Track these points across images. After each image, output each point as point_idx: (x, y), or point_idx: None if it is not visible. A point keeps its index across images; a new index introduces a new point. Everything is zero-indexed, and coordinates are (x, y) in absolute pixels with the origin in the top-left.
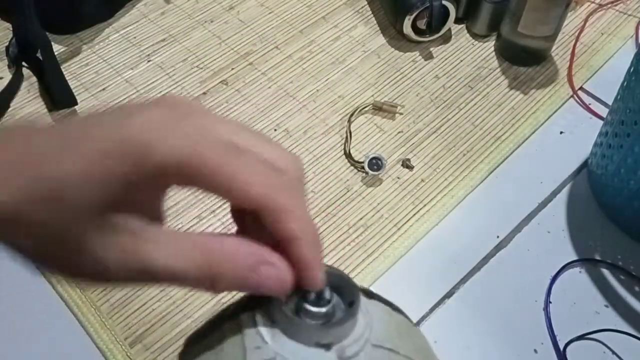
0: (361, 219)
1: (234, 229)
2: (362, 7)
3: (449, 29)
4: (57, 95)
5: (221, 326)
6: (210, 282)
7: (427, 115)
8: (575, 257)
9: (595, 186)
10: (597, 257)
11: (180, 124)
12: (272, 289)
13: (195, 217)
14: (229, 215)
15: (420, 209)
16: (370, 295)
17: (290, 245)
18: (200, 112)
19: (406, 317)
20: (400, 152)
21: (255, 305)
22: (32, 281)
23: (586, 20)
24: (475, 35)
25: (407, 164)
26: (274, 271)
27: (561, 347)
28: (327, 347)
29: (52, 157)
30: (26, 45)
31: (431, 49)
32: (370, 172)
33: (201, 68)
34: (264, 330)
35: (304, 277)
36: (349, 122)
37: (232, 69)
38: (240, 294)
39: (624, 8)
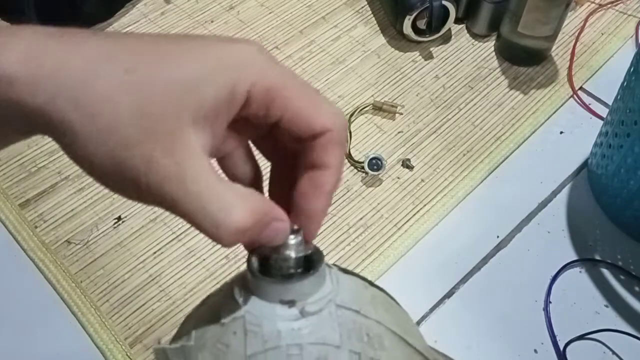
0: (361, 219)
1: None
2: (362, 7)
3: (449, 29)
4: None
5: (207, 300)
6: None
7: (427, 115)
8: (575, 257)
9: (595, 186)
10: (597, 257)
11: (268, 57)
12: (276, 241)
13: None
14: None
15: (420, 209)
16: (346, 272)
17: (315, 185)
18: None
19: (387, 294)
20: (400, 152)
21: (237, 280)
22: (32, 281)
23: (586, 20)
24: (475, 35)
25: (407, 164)
26: (282, 226)
27: (561, 347)
28: (290, 303)
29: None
30: None
31: (431, 49)
32: (370, 172)
33: None
34: (237, 295)
35: (305, 227)
36: (349, 122)
37: None
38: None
39: (624, 8)
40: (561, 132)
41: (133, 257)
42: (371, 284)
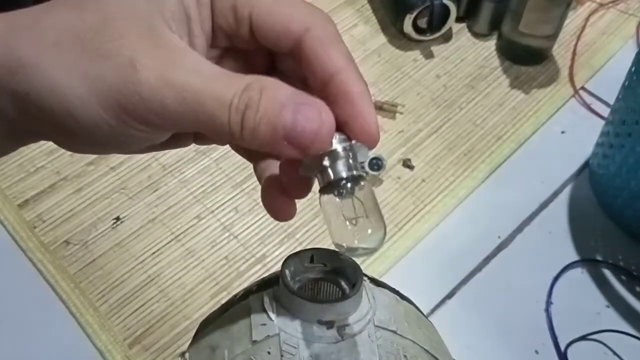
0: None
1: (235, 227)
2: (363, 6)
3: (450, 28)
4: None
5: (231, 308)
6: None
7: (428, 115)
8: (576, 258)
9: (597, 186)
10: (599, 258)
11: None
12: (308, 135)
13: (195, 217)
14: (229, 216)
15: (421, 209)
16: (378, 283)
17: (338, 81)
18: None
19: (416, 307)
20: (400, 152)
21: (263, 289)
22: (30, 282)
23: (587, 19)
24: (476, 35)
25: (407, 164)
26: (312, 112)
27: (562, 348)
28: (329, 324)
29: None
30: None
31: (432, 48)
32: (371, 172)
33: None
34: (269, 309)
35: (356, 126)
36: None
37: None
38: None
39: (625, 7)
40: (562, 132)
41: (132, 258)
42: (401, 296)
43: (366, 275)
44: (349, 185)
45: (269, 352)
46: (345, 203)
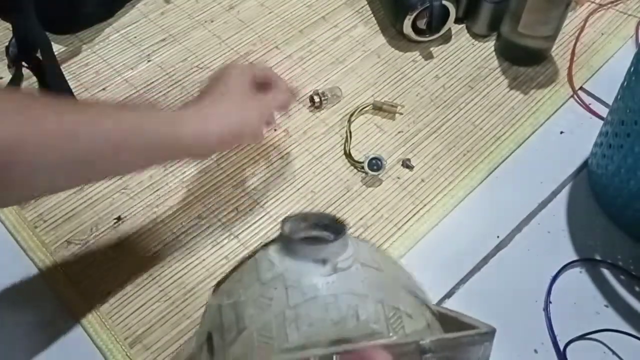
0: (361, 219)
1: (236, 226)
2: (362, 7)
3: (449, 29)
4: (57, 95)
5: (241, 264)
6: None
7: (427, 115)
8: (575, 257)
9: (596, 186)
10: (597, 257)
11: None
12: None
13: (196, 216)
14: (229, 216)
15: (420, 209)
16: (357, 238)
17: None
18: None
19: (390, 257)
20: (400, 152)
21: (266, 246)
22: (31, 282)
23: (586, 20)
24: (475, 35)
25: (407, 164)
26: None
27: (561, 347)
28: (323, 261)
29: None
30: (26, 45)
31: (431, 48)
32: (370, 172)
33: (201, 68)
34: (274, 257)
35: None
36: (349, 122)
37: None
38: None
39: (624, 8)
40: (561, 132)
41: (133, 258)
42: (377, 249)
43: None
44: None
45: (275, 288)
46: None
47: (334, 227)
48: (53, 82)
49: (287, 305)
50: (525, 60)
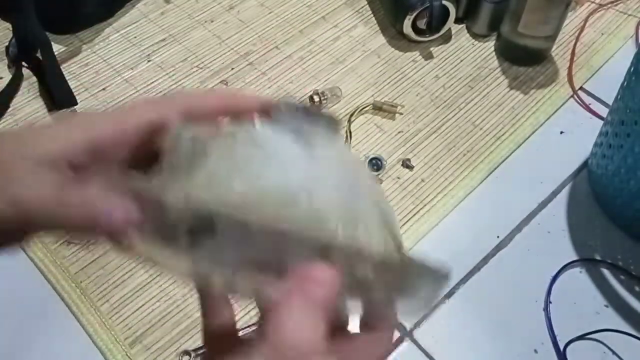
0: None
1: None
2: (362, 7)
3: (449, 29)
4: (57, 95)
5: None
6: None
7: (427, 115)
8: (575, 257)
9: (596, 186)
10: (597, 257)
11: None
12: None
13: None
14: None
15: (420, 209)
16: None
17: None
18: None
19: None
20: (400, 152)
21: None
22: (32, 281)
23: (586, 20)
24: (475, 35)
25: (407, 164)
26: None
27: (561, 347)
28: (299, 135)
29: None
30: (26, 45)
31: (431, 48)
32: (371, 172)
33: (201, 68)
34: (257, 122)
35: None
36: (349, 122)
37: (232, 68)
38: None
39: (624, 8)
40: (561, 132)
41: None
42: (363, 164)
43: None
44: None
45: (242, 144)
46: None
47: (328, 120)
48: (53, 82)
49: (246, 160)
50: (525, 60)
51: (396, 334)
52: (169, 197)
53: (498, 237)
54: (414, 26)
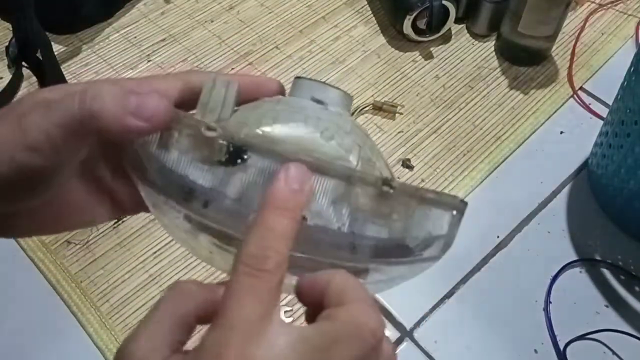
0: None
1: None
2: (362, 7)
3: (449, 29)
4: None
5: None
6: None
7: (427, 115)
8: (575, 257)
9: (596, 186)
10: (597, 257)
11: None
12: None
13: None
14: None
15: None
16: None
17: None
18: None
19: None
20: (400, 152)
21: None
22: (32, 282)
23: (586, 20)
24: (475, 35)
25: (407, 164)
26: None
27: (561, 347)
28: (319, 102)
29: None
30: (26, 45)
31: (431, 48)
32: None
33: (201, 68)
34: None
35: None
36: None
37: (232, 69)
38: None
39: (624, 8)
40: (561, 132)
41: (133, 257)
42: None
43: None
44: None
45: (270, 102)
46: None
47: (341, 93)
48: (53, 82)
49: (274, 109)
50: (525, 60)
51: (395, 334)
52: (205, 123)
53: (498, 237)
54: (414, 26)
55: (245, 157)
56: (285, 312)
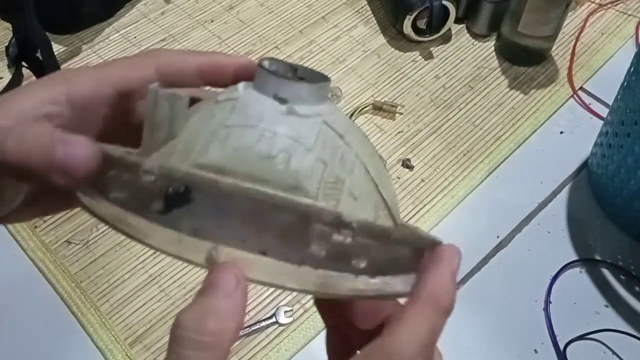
0: None
1: None
2: (362, 7)
3: (449, 29)
4: None
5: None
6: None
7: (427, 115)
8: (575, 257)
9: (596, 186)
10: (597, 257)
11: None
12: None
13: None
14: None
15: (420, 209)
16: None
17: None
18: None
19: (376, 152)
20: (400, 152)
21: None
22: (32, 282)
23: (586, 20)
24: (475, 35)
25: (407, 164)
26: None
27: (561, 347)
28: (282, 100)
29: None
30: (26, 45)
31: (431, 48)
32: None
33: None
34: (240, 86)
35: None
36: None
37: None
38: None
39: (624, 8)
40: (561, 132)
41: (133, 257)
42: (365, 136)
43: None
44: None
45: (223, 108)
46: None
47: (314, 76)
48: None
49: (224, 124)
50: (525, 60)
51: None
52: (142, 160)
53: (498, 237)
54: (414, 26)
55: (190, 197)
56: (286, 312)
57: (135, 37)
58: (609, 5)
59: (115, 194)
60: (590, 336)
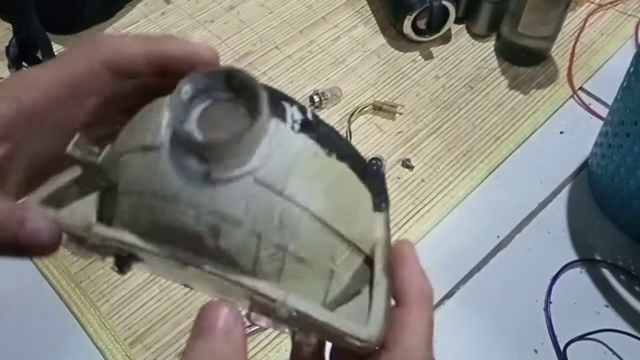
0: None
1: None
2: (362, 7)
3: (449, 29)
4: None
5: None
6: None
7: (427, 115)
8: (575, 257)
9: (595, 186)
10: (597, 257)
11: None
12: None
13: None
14: None
15: (420, 209)
16: (306, 127)
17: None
18: None
19: (349, 165)
20: (400, 152)
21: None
22: (32, 282)
23: (586, 20)
24: (475, 35)
25: (407, 164)
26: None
27: (561, 347)
28: (202, 159)
29: None
30: (26, 45)
31: (431, 49)
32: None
33: None
34: (163, 127)
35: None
36: (349, 122)
37: None
38: None
39: (624, 8)
40: (561, 132)
41: None
42: (336, 149)
43: (303, 108)
44: None
45: (148, 162)
46: None
47: (249, 95)
48: None
49: (149, 188)
50: (525, 61)
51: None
52: (87, 235)
53: (498, 237)
54: (414, 26)
55: (138, 257)
56: None
57: None
58: (608, 6)
59: (88, 245)
60: (590, 336)
